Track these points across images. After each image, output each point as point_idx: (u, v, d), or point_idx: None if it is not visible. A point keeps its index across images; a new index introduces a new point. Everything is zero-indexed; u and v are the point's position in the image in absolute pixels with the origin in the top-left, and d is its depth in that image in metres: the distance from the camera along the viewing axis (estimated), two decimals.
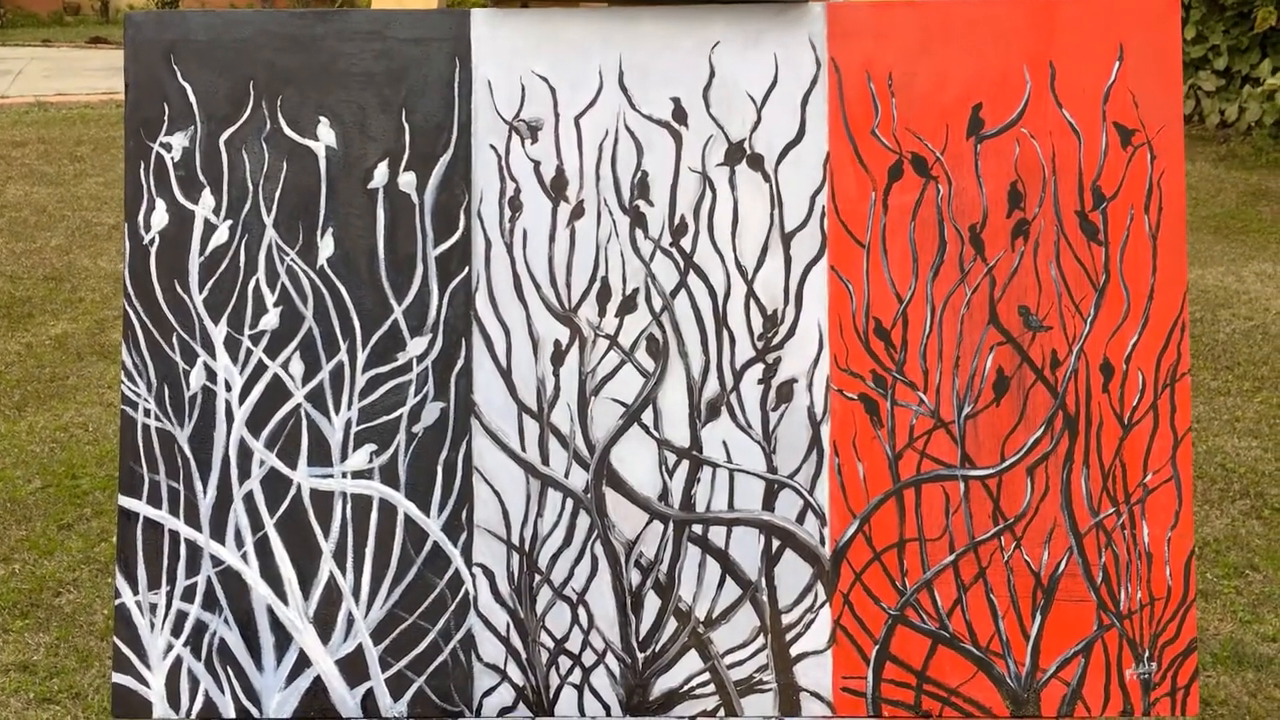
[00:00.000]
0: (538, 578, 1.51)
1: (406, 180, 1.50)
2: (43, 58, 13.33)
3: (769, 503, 1.50)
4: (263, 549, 1.51)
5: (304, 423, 1.50)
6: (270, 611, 1.50)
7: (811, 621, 1.49)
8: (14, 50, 13.97)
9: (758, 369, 1.50)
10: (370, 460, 1.50)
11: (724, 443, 1.50)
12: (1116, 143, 1.47)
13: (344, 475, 1.50)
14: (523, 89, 1.49)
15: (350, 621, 1.50)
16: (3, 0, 17.02)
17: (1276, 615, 3.18)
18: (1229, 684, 2.93)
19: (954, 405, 1.49)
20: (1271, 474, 3.92)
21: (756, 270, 1.50)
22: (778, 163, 1.49)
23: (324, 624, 1.50)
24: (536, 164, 1.50)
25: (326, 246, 1.50)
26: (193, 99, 1.49)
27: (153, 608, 1.50)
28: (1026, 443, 1.48)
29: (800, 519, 1.50)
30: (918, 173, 1.48)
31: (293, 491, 1.50)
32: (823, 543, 1.50)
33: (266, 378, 1.50)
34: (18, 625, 3.13)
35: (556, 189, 1.50)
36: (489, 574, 1.51)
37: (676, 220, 1.49)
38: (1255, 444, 4.14)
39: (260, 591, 1.50)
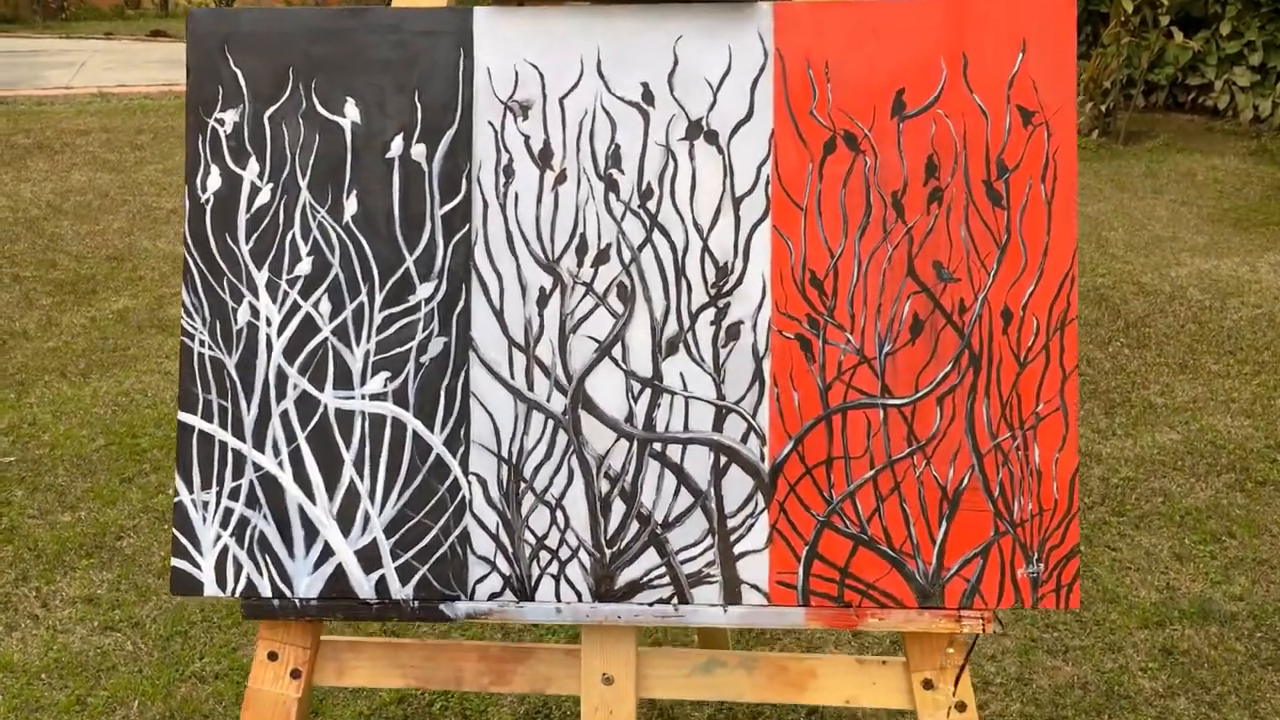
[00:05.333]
0: (523, 485, 1.62)
1: (418, 151, 1.62)
2: (105, 50, 13.43)
3: (718, 425, 1.61)
4: (295, 458, 1.64)
5: (330, 353, 1.63)
6: (301, 510, 1.64)
7: (752, 525, 1.61)
8: (78, 43, 14.07)
9: (710, 312, 1.61)
10: (385, 385, 1.62)
11: (681, 374, 1.62)
12: (1019, 122, 1.58)
13: (363, 397, 1.62)
14: (516, 74, 1.60)
15: (367, 519, 1.63)
16: None
17: (1246, 577, 3.28)
18: (1193, 636, 3.05)
19: (876, 344, 1.60)
20: (1259, 450, 3.99)
21: (711, 229, 1.60)
22: (730, 138, 1.60)
23: (345, 520, 1.64)
24: (527, 138, 1.61)
25: (351, 206, 1.62)
26: (242, 82, 1.63)
27: (205, 505, 1.64)
28: (937, 376, 1.60)
29: (744, 439, 1.61)
30: (849, 147, 1.59)
31: (320, 410, 1.63)
32: (763, 459, 1.61)
33: (300, 315, 1.63)
34: (83, 564, 3.33)
35: (543, 159, 1.61)
36: (482, 481, 1.63)
37: (644, 186, 1.60)
38: (1248, 423, 4.22)
39: (293, 493, 1.64)
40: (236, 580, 1.65)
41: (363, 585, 1.63)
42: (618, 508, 1.62)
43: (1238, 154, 8.26)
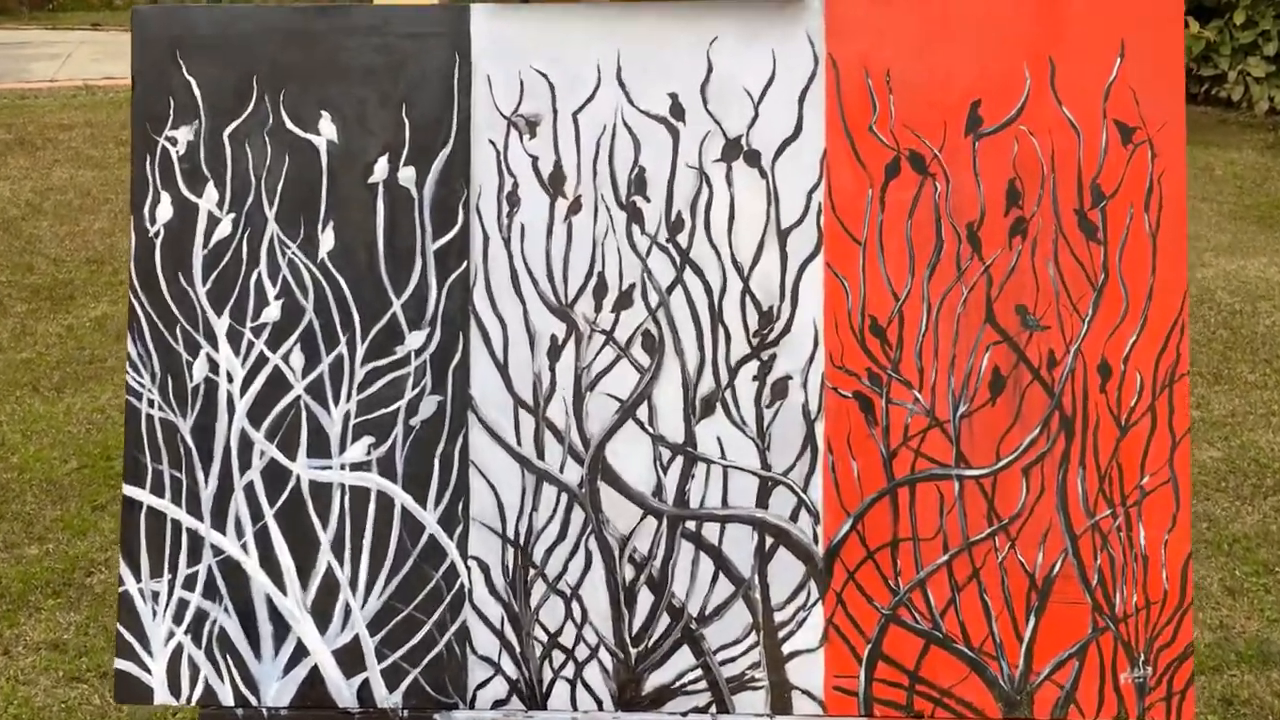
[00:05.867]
0: (532, 571, 1.50)
1: (406, 175, 1.50)
2: (92, 41, 13.43)
3: (763, 500, 1.49)
4: (262, 539, 1.51)
5: (304, 414, 1.50)
6: (269, 601, 1.51)
7: (804, 619, 1.48)
8: (64, 34, 14.09)
9: (753, 366, 1.49)
10: (368, 452, 1.50)
11: (718, 439, 1.49)
12: (1117, 140, 1.45)
13: (342, 467, 1.50)
14: (521, 84, 1.49)
15: (347, 612, 1.51)
16: None
17: None
18: (1254, 683, 2.90)
19: (949, 404, 1.47)
20: None
21: (753, 267, 1.48)
22: (775, 159, 1.48)
23: (322, 614, 1.51)
24: (534, 159, 1.49)
25: (327, 240, 1.50)
26: (197, 93, 1.50)
27: (155, 595, 1.51)
28: (1022, 443, 1.46)
29: (794, 517, 1.49)
30: (915, 170, 1.47)
31: (292, 483, 1.50)
32: (816, 541, 1.48)
33: (267, 369, 1.50)
34: (49, 604, 3.19)
35: (554, 184, 1.49)
36: (484, 567, 1.51)
37: (673, 216, 1.49)
38: None
39: (259, 581, 1.51)
40: (193, 685, 1.49)
41: (342, 691, 1.49)
42: (644, 598, 1.49)
43: (1255, 147, 8.15)
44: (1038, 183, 1.46)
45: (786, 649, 1.49)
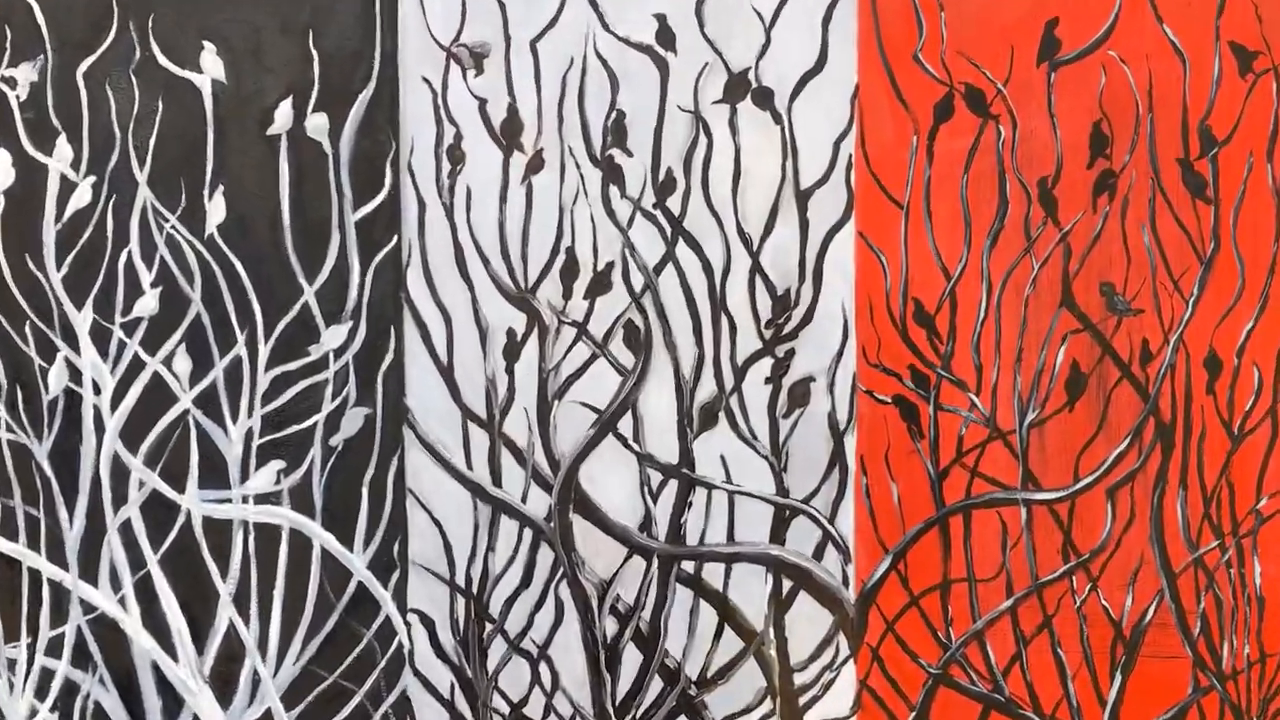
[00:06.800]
0: (489, 627, 1.43)
1: (316, 124, 1.38)
2: None
3: (778, 533, 1.41)
4: (145, 592, 1.42)
5: (193, 434, 1.41)
6: (156, 669, 1.42)
7: (831, 682, 1.41)
8: None
9: (765, 365, 1.39)
10: (278, 481, 1.41)
11: (722, 458, 1.40)
12: (1232, 70, 1.31)
13: (245, 500, 1.42)
14: (463, 5, 1.37)
15: (256, 682, 1.43)
16: None
17: None
18: None
19: (1015, 410, 1.36)
20: None
21: (764, 238, 1.38)
22: (792, 99, 1.36)
23: (223, 684, 1.43)
24: (482, 102, 1.38)
25: (216, 210, 1.38)
26: (41, 20, 1.36)
27: (11, 665, 1.42)
28: (1107, 458, 1.35)
29: (818, 554, 1.40)
30: (973, 110, 1.33)
31: (181, 520, 1.41)
32: (846, 583, 1.41)
33: (145, 377, 1.39)
34: None
35: (508, 135, 1.38)
36: (428, 622, 1.43)
37: (662, 174, 1.38)
38: None
39: (143, 644, 1.42)
40: None
41: None
42: (631, 658, 1.41)
43: None
44: (1130, 125, 1.33)
45: (811, 718, 1.42)
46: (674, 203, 1.37)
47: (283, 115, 1.36)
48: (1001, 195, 1.33)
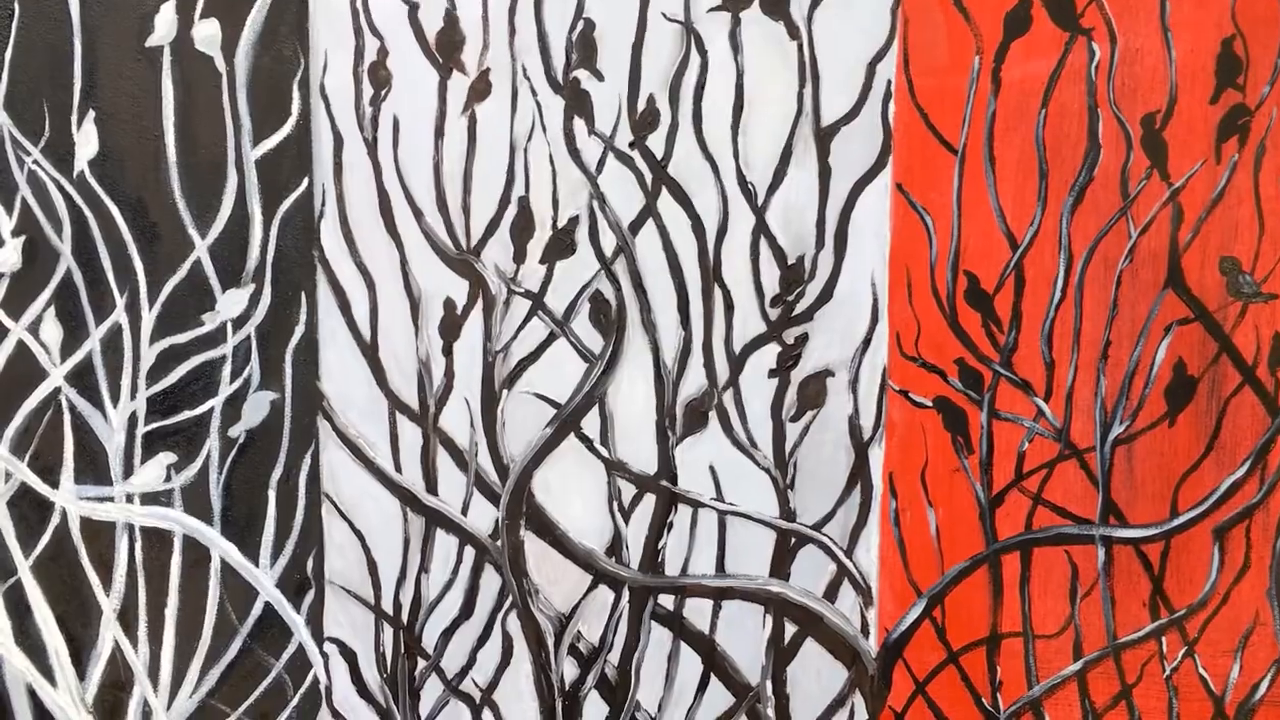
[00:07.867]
0: (422, 664, 1.27)
1: (205, 33, 1.21)
2: None
3: (781, 566, 1.23)
4: (16, 603, 1.27)
5: (66, 417, 1.25)
6: (32, 694, 1.28)
7: None
8: None
9: (769, 353, 1.20)
10: (168, 477, 1.25)
11: (711, 468, 1.22)
12: None
13: (130, 498, 1.26)
14: None
15: (147, 714, 1.29)
16: None
17: None
18: None
19: (1095, 422, 1.16)
20: None
21: (772, 190, 1.18)
22: (813, 6, 1.16)
23: (110, 714, 1.28)
24: (413, 8, 1.19)
25: (87, 141, 1.22)
26: None
27: None
28: (1217, 488, 1.14)
29: (830, 593, 1.23)
30: (1057, 22, 1.11)
31: (55, 520, 1.26)
32: (865, 631, 1.23)
33: (8, 346, 1.22)
34: None
35: (445, 50, 1.20)
36: (349, 654, 1.28)
37: (641, 104, 1.19)
38: None
39: (15, 664, 1.28)
40: None
41: None
42: (594, 709, 1.26)
43: None
44: (1274, 45, 1.09)
45: None
46: (656, 142, 1.18)
47: (164, 23, 1.19)
48: (1091, 138, 1.11)
